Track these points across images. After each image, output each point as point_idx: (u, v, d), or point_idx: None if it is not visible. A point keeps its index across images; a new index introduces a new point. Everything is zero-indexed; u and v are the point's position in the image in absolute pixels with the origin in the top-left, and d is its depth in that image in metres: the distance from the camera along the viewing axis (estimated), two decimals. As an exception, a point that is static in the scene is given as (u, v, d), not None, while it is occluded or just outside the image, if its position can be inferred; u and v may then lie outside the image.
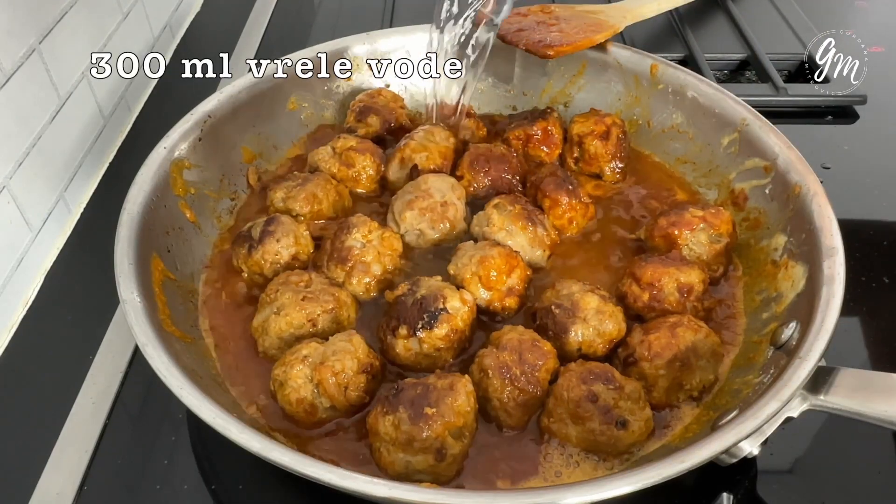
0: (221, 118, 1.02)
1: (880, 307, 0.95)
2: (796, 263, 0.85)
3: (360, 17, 1.54)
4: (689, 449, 0.63)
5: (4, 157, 0.95)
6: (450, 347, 0.81)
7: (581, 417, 0.72)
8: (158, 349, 0.71)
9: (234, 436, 0.64)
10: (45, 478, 0.78)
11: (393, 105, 1.12)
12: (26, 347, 0.92)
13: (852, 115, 1.26)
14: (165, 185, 0.92)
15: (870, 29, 1.48)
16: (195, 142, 0.98)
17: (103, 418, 0.83)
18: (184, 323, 0.84)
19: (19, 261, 0.97)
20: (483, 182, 1.01)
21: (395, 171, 1.04)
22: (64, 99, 1.08)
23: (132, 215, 0.85)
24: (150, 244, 0.85)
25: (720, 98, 1.03)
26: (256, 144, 1.08)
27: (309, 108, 1.14)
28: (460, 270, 0.86)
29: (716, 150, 1.03)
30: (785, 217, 0.90)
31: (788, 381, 0.68)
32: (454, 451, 0.70)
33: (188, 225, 0.95)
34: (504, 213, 0.92)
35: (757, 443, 0.71)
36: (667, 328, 0.79)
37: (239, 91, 1.05)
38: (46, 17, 1.04)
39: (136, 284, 0.78)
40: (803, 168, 0.91)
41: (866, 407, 0.68)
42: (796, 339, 0.75)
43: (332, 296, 0.83)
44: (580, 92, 1.17)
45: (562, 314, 0.82)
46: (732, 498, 0.75)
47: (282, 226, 0.90)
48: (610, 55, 1.13)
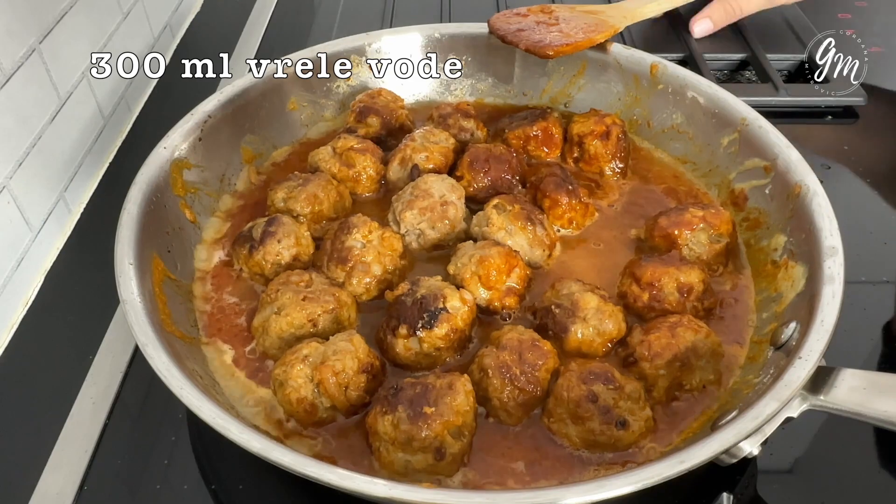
0: (222, 118, 1.02)
1: (880, 307, 0.95)
2: (796, 263, 0.85)
3: (360, 17, 1.54)
4: (689, 449, 0.63)
5: (4, 157, 0.95)
6: (450, 347, 0.81)
7: (581, 417, 0.72)
8: (159, 349, 0.71)
9: (234, 436, 0.64)
10: (45, 478, 0.78)
11: (393, 105, 1.12)
12: (26, 347, 0.92)
13: (852, 115, 1.26)
14: (166, 185, 0.92)
15: (870, 29, 1.48)
16: (195, 142, 0.98)
17: (103, 418, 0.83)
18: (184, 323, 0.84)
19: (19, 261, 0.97)
20: (483, 182, 1.00)
21: (395, 171, 1.03)
22: (64, 99, 1.08)
23: (132, 215, 0.85)
24: (150, 244, 0.85)
25: (720, 98, 1.03)
26: (256, 145, 1.08)
27: (309, 108, 1.15)
28: (460, 270, 0.86)
29: (716, 150, 1.03)
30: (785, 217, 0.90)
31: (789, 381, 0.68)
32: (453, 450, 0.70)
33: (188, 225, 0.95)
34: (503, 213, 0.92)
35: (757, 443, 0.71)
36: (667, 328, 0.79)
37: (239, 91, 1.05)
38: (46, 17, 1.04)
39: (137, 284, 0.78)
40: (803, 168, 0.91)
41: (866, 407, 0.68)
42: (796, 339, 0.75)
43: (332, 296, 0.83)
44: (580, 92, 1.17)
45: (562, 314, 0.82)
46: (732, 498, 0.75)
47: (283, 226, 0.90)
48: (610, 55, 1.13)
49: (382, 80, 1.19)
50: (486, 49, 1.18)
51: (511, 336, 0.78)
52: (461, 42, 1.19)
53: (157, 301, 0.80)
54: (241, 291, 0.91)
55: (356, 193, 1.04)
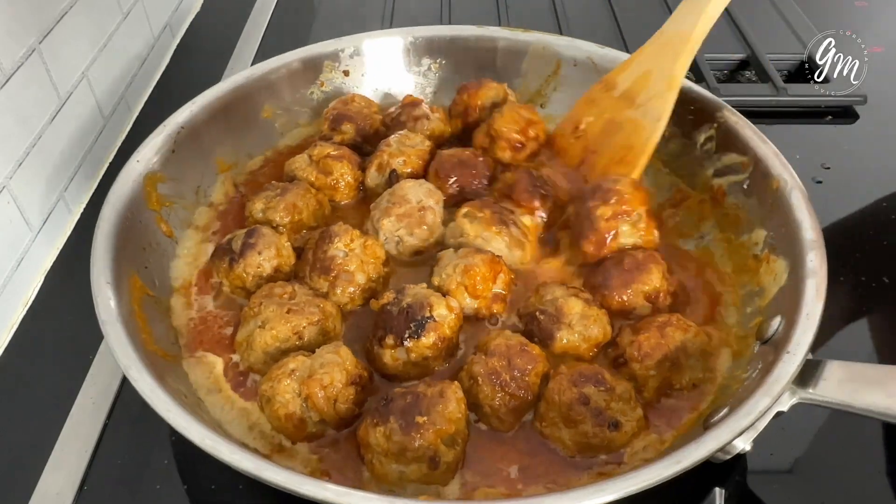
0: (195, 129, 1.00)
1: (880, 307, 0.95)
2: (777, 258, 0.85)
3: (360, 17, 1.53)
4: (685, 449, 0.63)
5: (4, 157, 0.94)
6: (438, 356, 0.80)
7: (573, 420, 0.72)
8: (142, 371, 0.70)
9: (225, 456, 0.63)
10: (45, 478, 0.78)
11: (367, 111, 1.11)
12: (26, 347, 0.92)
13: (852, 115, 1.26)
14: (140, 200, 0.90)
15: (870, 29, 1.48)
16: (168, 154, 0.96)
17: (103, 418, 0.83)
18: (164, 340, 0.83)
19: (19, 261, 0.97)
20: (451, 189, 1.00)
21: (373, 177, 1.02)
22: (64, 99, 1.08)
23: (107, 233, 0.83)
24: (126, 262, 0.83)
25: (696, 95, 1.03)
26: (231, 155, 1.06)
27: (283, 115, 1.13)
28: (445, 281, 0.85)
29: (692, 147, 1.03)
30: (764, 212, 0.91)
31: (778, 376, 0.68)
32: (447, 458, 0.70)
33: (164, 240, 0.93)
34: (475, 222, 0.91)
35: (749, 439, 0.71)
36: (656, 328, 0.79)
37: (211, 101, 1.03)
38: (46, 17, 1.04)
39: (115, 304, 0.76)
40: (780, 163, 0.91)
41: (856, 399, 0.68)
42: (782, 333, 0.75)
43: (317, 307, 0.82)
44: (555, 92, 1.17)
45: (546, 320, 0.82)
46: (724, 493, 0.75)
47: (263, 237, 0.88)
48: (583, 54, 1.13)
49: (357, 86, 1.17)
50: (463, 51, 1.18)
51: (499, 342, 0.78)
52: (436, 45, 1.19)
53: (137, 320, 0.78)
54: (222, 303, 0.89)
55: (335, 200, 1.03)
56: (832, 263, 0.79)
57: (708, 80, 1.28)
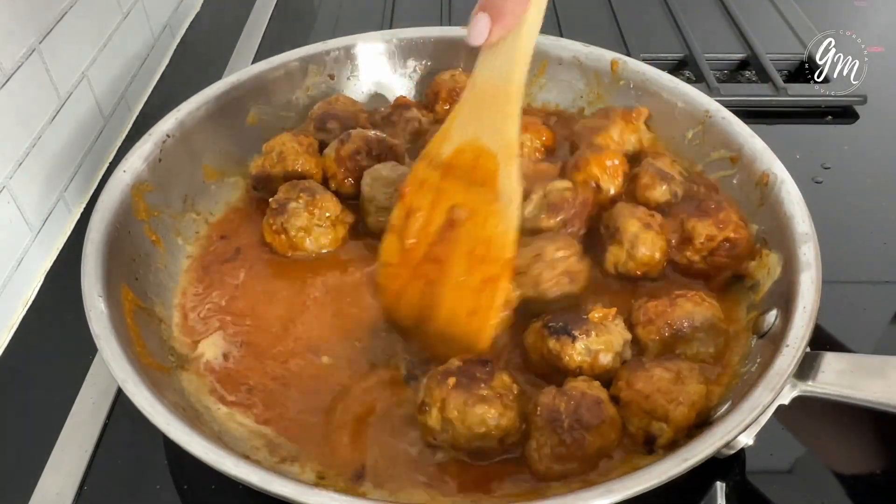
0: (181, 137, 0.99)
1: (880, 307, 0.95)
2: (770, 251, 0.85)
3: (360, 17, 1.53)
4: (691, 445, 0.63)
5: (4, 157, 0.94)
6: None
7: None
8: (139, 385, 0.69)
9: (230, 469, 0.63)
10: (45, 478, 0.77)
11: (352, 108, 1.10)
12: (26, 347, 0.91)
13: (852, 115, 1.26)
14: (127, 211, 0.89)
15: (870, 29, 1.49)
16: (155, 163, 0.95)
17: (103, 418, 0.82)
18: (159, 353, 0.82)
19: (19, 261, 0.97)
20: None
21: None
22: (64, 99, 1.08)
23: (96, 245, 0.82)
24: (118, 274, 0.82)
25: (682, 92, 1.04)
26: (218, 162, 1.05)
27: (269, 120, 1.11)
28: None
29: (681, 143, 1.04)
30: (755, 206, 0.91)
31: (779, 369, 0.68)
32: None
33: (154, 250, 0.92)
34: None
35: (753, 433, 0.71)
36: (668, 298, 0.80)
37: (197, 108, 1.01)
38: (46, 17, 1.03)
39: (108, 318, 0.75)
40: (769, 157, 0.92)
41: (856, 389, 0.68)
42: (778, 327, 0.75)
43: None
44: (542, 91, 1.17)
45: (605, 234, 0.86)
46: (725, 486, 0.76)
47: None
48: (569, 53, 1.13)
49: (342, 89, 1.16)
50: (447, 51, 1.17)
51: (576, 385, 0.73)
52: (421, 46, 1.18)
53: (130, 333, 0.77)
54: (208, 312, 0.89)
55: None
56: (832, 263, 0.79)
57: (708, 80, 1.28)
